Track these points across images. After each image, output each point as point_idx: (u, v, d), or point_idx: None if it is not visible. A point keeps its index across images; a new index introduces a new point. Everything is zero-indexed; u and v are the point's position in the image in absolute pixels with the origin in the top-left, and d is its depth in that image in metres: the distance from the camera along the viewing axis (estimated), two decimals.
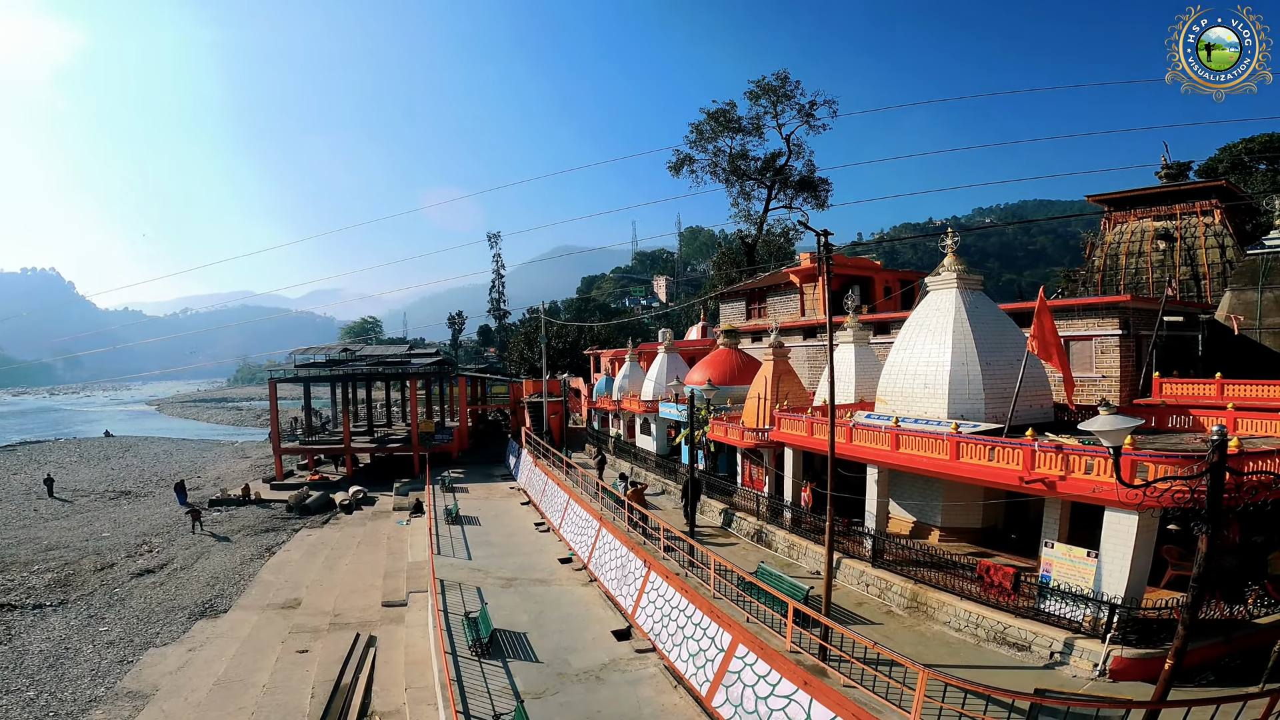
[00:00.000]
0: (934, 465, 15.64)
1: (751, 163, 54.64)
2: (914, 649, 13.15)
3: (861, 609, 15.77)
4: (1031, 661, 12.50)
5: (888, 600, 15.95)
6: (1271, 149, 43.14)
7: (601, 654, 15.31)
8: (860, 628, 14.15)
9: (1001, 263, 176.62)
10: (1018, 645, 12.89)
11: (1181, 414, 17.13)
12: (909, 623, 14.81)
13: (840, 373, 24.34)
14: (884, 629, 14.48)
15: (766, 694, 11.76)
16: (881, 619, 15.13)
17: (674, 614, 15.26)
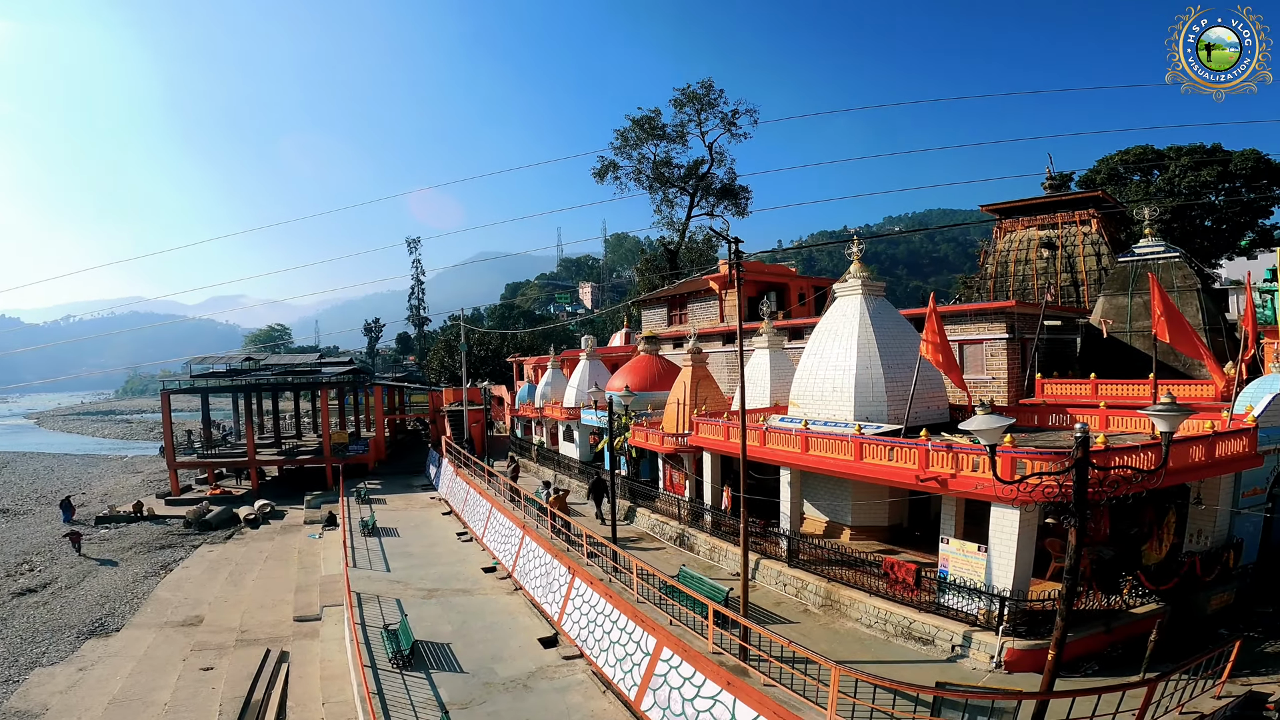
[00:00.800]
0: (840, 466, 16.27)
1: (675, 170, 55.48)
2: (829, 646, 13.53)
3: (780, 608, 16.14)
4: (935, 655, 13.00)
5: (804, 599, 16.40)
6: (1144, 161, 46.37)
7: (528, 662, 15.30)
8: (779, 627, 14.48)
9: (909, 269, 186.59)
10: (923, 639, 13.39)
11: (1060, 412, 18.56)
12: (824, 620, 15.26)
13: (756, 377, 25.04)
14: (801, 627, 14.83)
15: (692, 695, 11.98)
16: (799, 617, 15.54)
17: (600, 619, 15.36)
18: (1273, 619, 13.64)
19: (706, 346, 32.86)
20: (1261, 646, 12.73)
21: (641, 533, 24.01)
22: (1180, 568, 13.54)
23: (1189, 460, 12.66)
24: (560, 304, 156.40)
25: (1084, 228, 35.64)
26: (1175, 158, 44.08)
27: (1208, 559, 13.79)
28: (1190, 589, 13.60)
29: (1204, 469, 12.96)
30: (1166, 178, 43.21)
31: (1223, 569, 13.99)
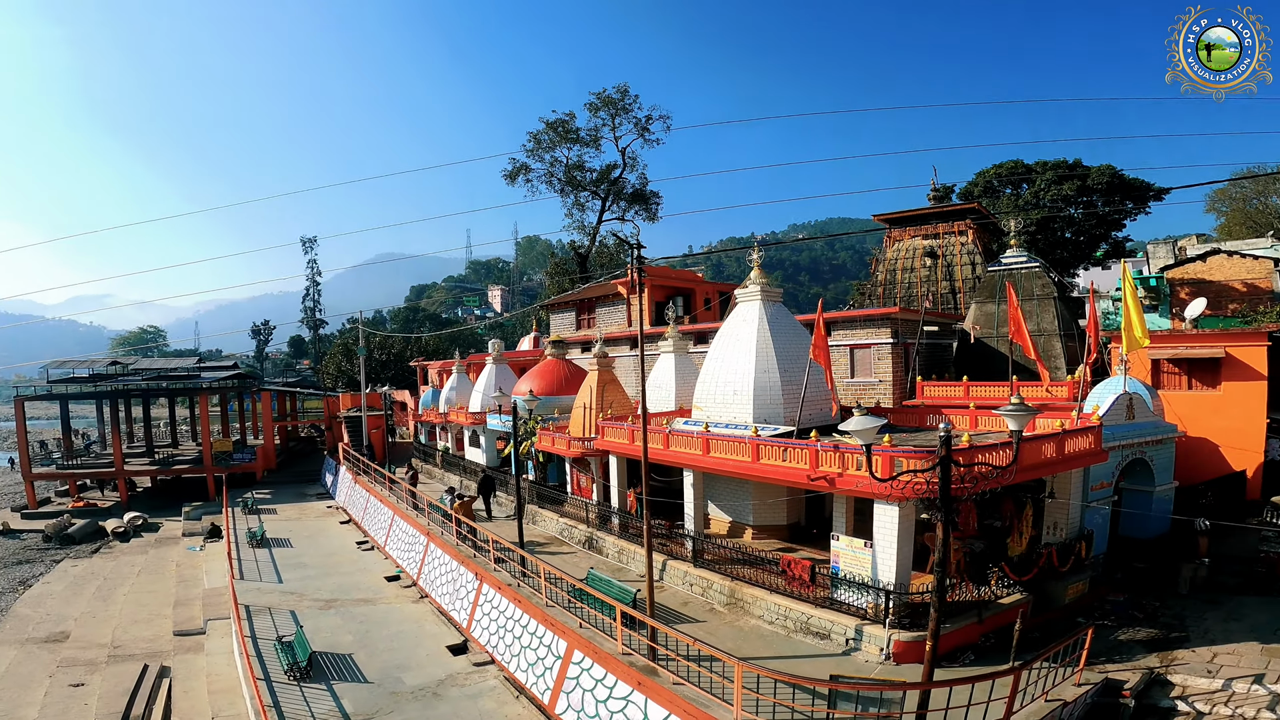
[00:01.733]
0: (739, 468, 16.75)
1: (587, 174, 55.44)
2: (734, 643, 13.85)
3: (687, 608, 16.34)
4: (832, 649, 13.50)
5: (710, 598, 16.71)
6: (1015, 174, 49.03)
7: (438, 670, 15.08)
8: (686, 626, 14.74)
9: (811, 276, 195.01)
10: (820, 634, 13.90)
11: (937, 413, 19.94)
12: (729, 618, 15.55)
13: (661, 381, 25.42)
14: (708, 626, 15.08)
15: (605, 697, 12.11)
16: (705, 616, 15.80)
17: (510, 625, 15.37)
18: (1123, 607, 14.85)
19: (614, 351, 33.10)
20: (1114, 634, 13.79)
21: (550, 536, 23.90)
22: (1039, 559, 14.40)
23: (1042, 456, 13.82)
24: (468, 307, 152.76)
25: (962, 238, 38.21)
26: (1042, 172, 46.47)
27: (1063, 550, 14.82)
28: (1048, 579, 14.51)
29: (1056, 464, 14.16)
30: (1033, 191, 45.82)
31: (1076, 559, 15.01)
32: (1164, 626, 13.95)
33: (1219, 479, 18.05)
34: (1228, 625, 13.77)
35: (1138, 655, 12.86)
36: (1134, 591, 15.46)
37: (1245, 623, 13.80)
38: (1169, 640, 13.37)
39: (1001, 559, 14.40)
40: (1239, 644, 12.92)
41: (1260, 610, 14.23)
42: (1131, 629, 13.90)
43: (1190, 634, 13.57)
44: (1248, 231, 65.30)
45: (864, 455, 13.18)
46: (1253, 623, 13.74)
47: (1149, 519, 16.82)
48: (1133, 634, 13.70)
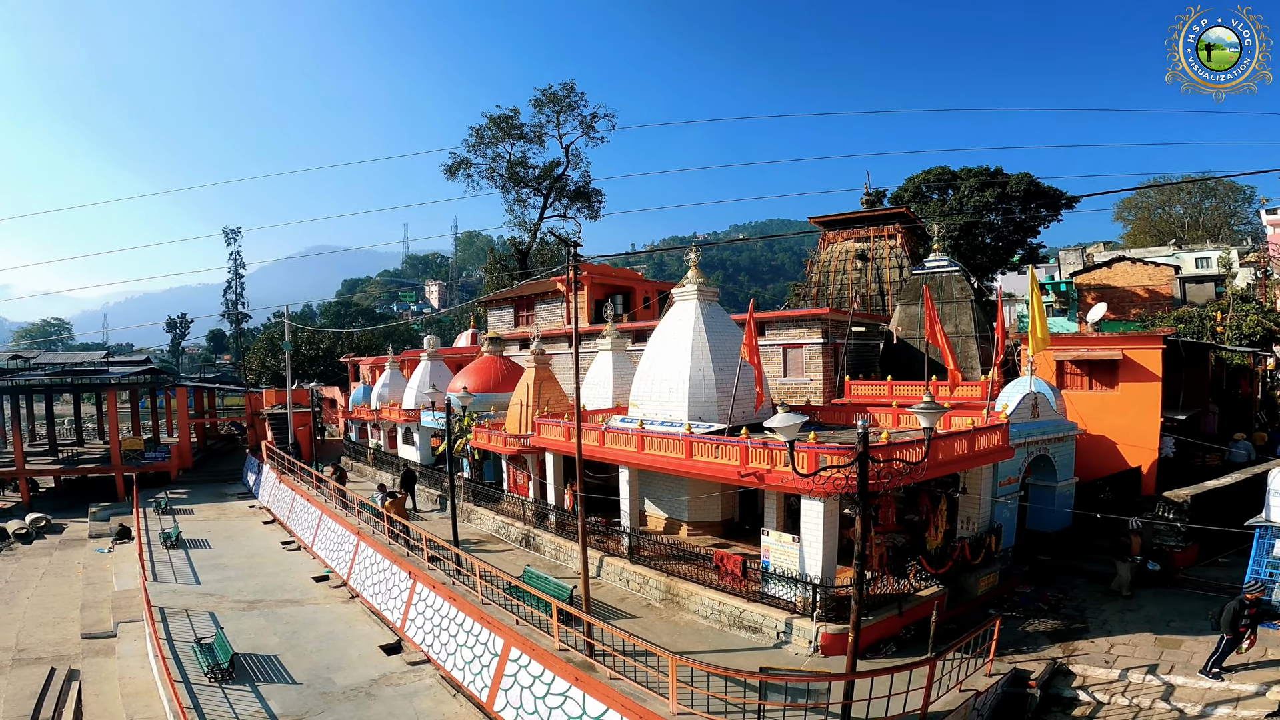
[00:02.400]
0: (673, 464, 16.95)
1: (530, 170, 54.93)
2: (670, 638, 14.00)
3: (624, 604, 16.40)
4: (764, 642, 13.74)
5: (646, 594, 16.84)
6: (942, 180, 50.20)
7: (370, 670, 14.90)
8: (623, 622, 14.87)
9: (751, 276, 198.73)
10: (752, 628, 14.15)
11: (864, 411, 20.64)
12: (665, 614, 15.65)
13: (598, 379, 25.50)
14: (643, 621, 15.20)
15: (543, 693, 12.19)
16: (641, 612, 15.84)
17: (445, 623, 15.24)
18: (1030, 599, 15.53)
19: (552, 348, 32.94)
20: (1022, 625, 14.39)
21: (486, 534, 23.66)
22: (953, 552, 14.97)
23: (955, 453, 14.51)
24: (404, 302, 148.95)
25: (891, 241, 39.61)
26: (966, 179, 47.90)
27: (975, 544, 15.44)
28: (962, 572, 15.12)
29: (967, 461, 14.89)
30: (958, 197, 47.45)
31: (987, 553, 15.67)
32: (1066, 618, 14.62)
33: (1117, 475, 19.32)
34: (1124, 616, 14.55)
35: (1043, 646, 13.45)
36: (1039, 583, 16.28)
37: (1140, 614, 14.56)
38: (1070, 631, 14.02)
39: (920, 553, 15.00)
40: (1134, 635, 13.61)
41: (1154, 602, 15.07)
42: (1037, 620, 14.53)
43: (1090, 625, 14.24)
44: (1151, 240, 70.50)
45: (798, 450, 13.75)
46: (1147, 614, 14.52)
47: (1053, 513, 17.92)
48: (1038, 625, 14.34)
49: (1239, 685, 11.40)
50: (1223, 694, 11.27)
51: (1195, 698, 11.31)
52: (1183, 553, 15.94)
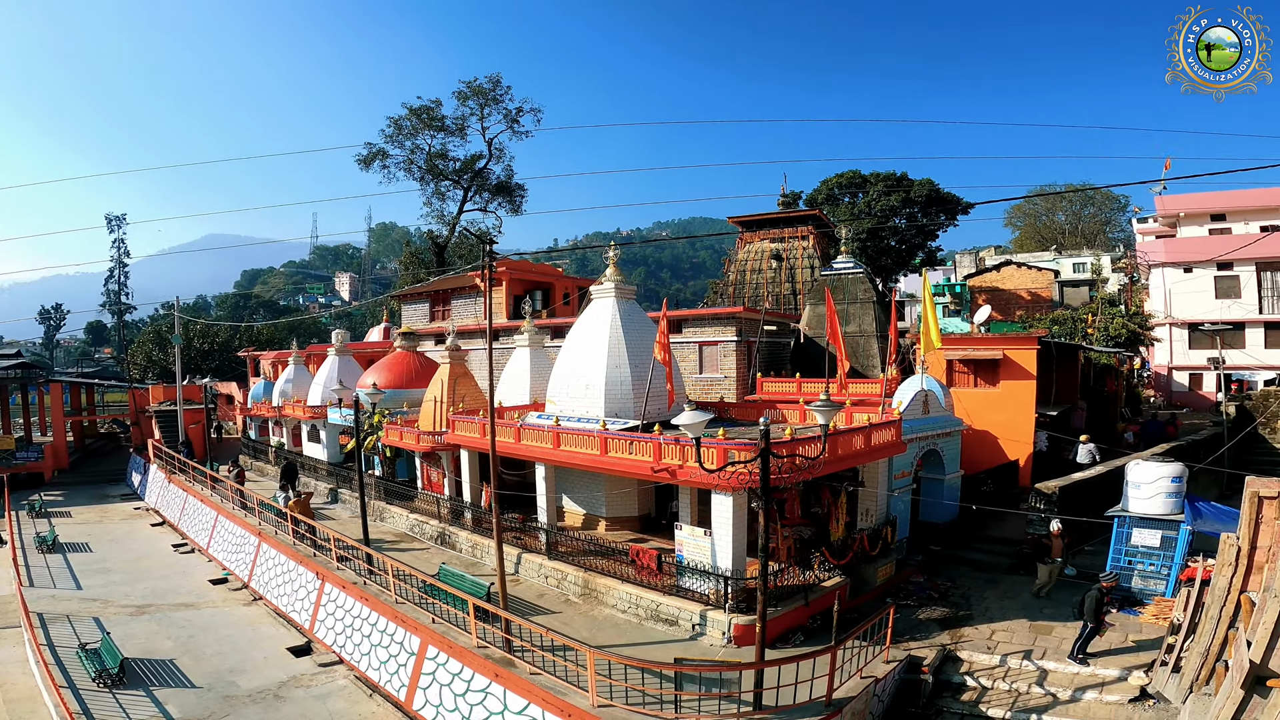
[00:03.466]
0: (588, 461, 17.03)
1: (450, 163, 53.66)
2: (589, 632, 14.17)
3: (543, 600, 16.42)
4: (680, 634, 14.00)
5: (565, 589, 16.88)
6: (852, 184, 51.78)
7: (278, 672, 14.60)
8: (542, 617, 14.98)
9: (673, 273, 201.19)
10: (669, 620, 14.39)
11: (774, 407, 21.47)
12: (584, 609, 15.79)
13: (516, 375, 25.29)
14: (563, 616, 15.31)
15: (463, 690, 12.17)
16: (561, 608, 15.91)
17: (357, 623, 14.97)
18: (923, 588, 16.23)
19: (469, 343, 32.37)
20: (916, 613, 14.98)
21: (400, 533, 23.19)
22: (854, 544, 15.64)
23: (853, 448, 15.28)
24: (312, 294, 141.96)
25: (803, 242, 41.07)
26: (874, 183, 49.69)
27: (873, 535, 16.17)
28: (862, 563, 15.79)
29: (864, 455, 15.70)
30: (866, 201, 49.30)
31: (884, 544, 16.37)
32: (954, 605, 15.38)
33: (998, 467, 20.88)
34: (1004, 603, 15.34)
35: (934, 633, 14.11)
36: (931, 572, 17.27)
37: (1018, 600, 15.43)
38: (958, 618, 14.72)
39: (824, 545, 15.64)
40: (1012, 621, 14.39)
41: (1028, 588, 15.94)
42: (929, 608, 15.25)
43: (974, 612, 14.97)
44: (1036, 245, 76.27)
45: (708, 446, 14.09)
46: (1023, 601, 15.40)
47: (942, 505, 19.20)
48: (930, 613, 15.04)
49: (1103, 670, 12.17)
50: (1089, 679, 12.03)
51: (1065, 682, 12.08)
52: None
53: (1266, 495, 8.83)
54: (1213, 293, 33.06)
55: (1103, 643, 12.92)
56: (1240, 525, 9.71)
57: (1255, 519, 9.14)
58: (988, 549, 18.24)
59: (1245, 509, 9.37)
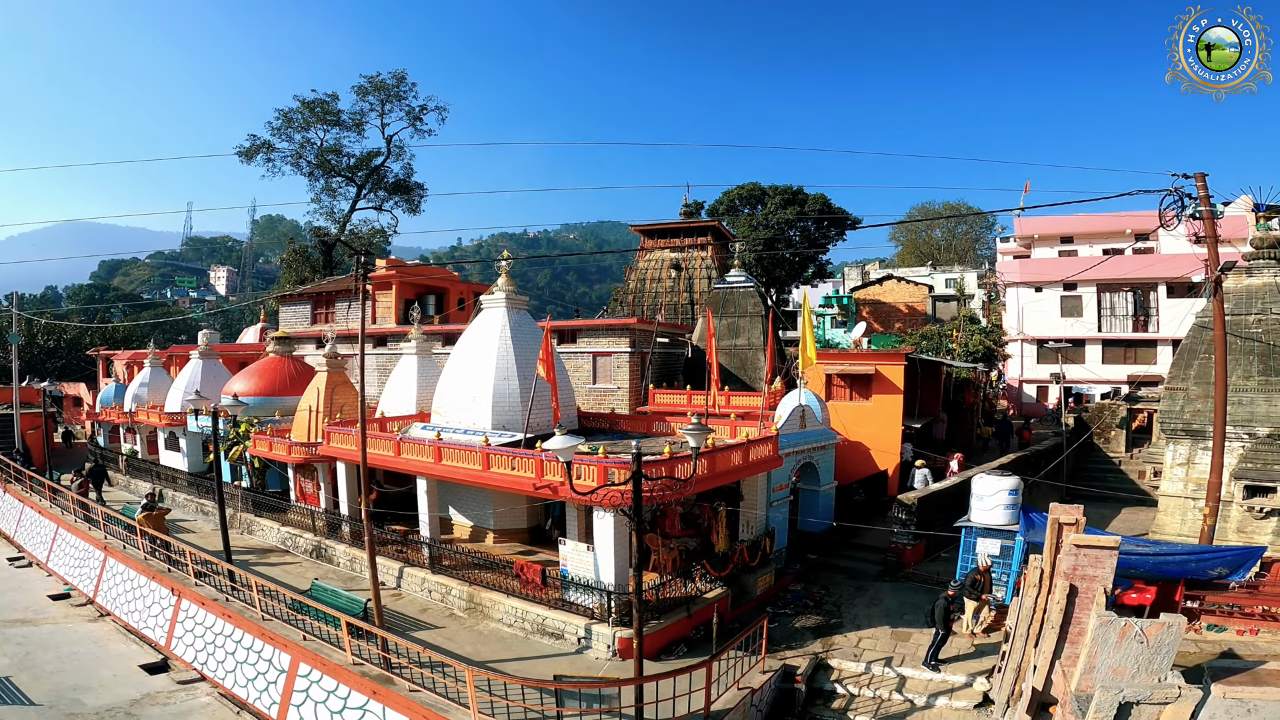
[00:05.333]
0: (471, 476, 16.68)
1: (344, 158, 51.34)
2: (474, 647, 13.97)
3: (426, 614, 16.02)
4: (566, 648, 13.91)
5: (449, 604, 16.48)
6: (753, 196, 52.64)
7: (130, 689, 13.80)
8: (425, 633, 14.68)
9: (579, 276, 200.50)
10: (555, 634, 14.35)
11: (663, 419, 21.76)
12: (469, 623, 15.50)
13: (402, 384, 24.36)
14: (447, 631, 15.00)
15: (339, 708, 11.85)
16: (445, 622, 15.56)
17: (220, 640, 14.56)
18: (800, 596, 16.59)
19: (354, 349, 30.90)
20: (793, 621, 15.27)
21: (271, 546, 22.07)
22: (734, 555, 15.88)
23: (731, 464, 15.66)
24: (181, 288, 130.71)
25: (702, 253, 42.02)
26: (773, 196, 50.65)
27: (753, 546, 16.48)
28: (743, 573, 16.13)
29: (743, 470, 16.08)
30: (765, 213, 50.20)
31: (763, 554, 16.75)
32: (827, 613, 15.78)
33: (869, 477, 22.11)
34: (870, 610, 15.82)
35: (808, 641, 14.41)
36: (808, 580, 17.87)
37: (881, 607, 15.94)
38: (830, 626, 15.08)
39: (707, 557, 15.92)
40: (876, 628, 14.82)
41: (892, 595, 16.62)
42: (805, 616, 15.59)
43: (844, 620, 15.39)
44: (915, 260, 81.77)
45: (587, 465, 14.15)
46: (887, 607, 15.93)
47: (818, 514, 20.04)
48: (806, 621, 15.35)
49: (953, 677, 12.73)
50: (941, 685, 12.63)
51: (921, 689, 12.61)
52: (912, 549, 18.34)
53: (1065, 522, 9.57)
54: (1059, 311, 36.55)
55: (953, 648, 13.63)
56: (1045, 548, 10.25)
57: (1056, 544, 9.80)
58: (859, 556, 19.19)
59: (1049, 534, 10.03)
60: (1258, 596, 13.23)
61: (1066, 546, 9.25)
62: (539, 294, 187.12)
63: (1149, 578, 13.78)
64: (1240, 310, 17.04)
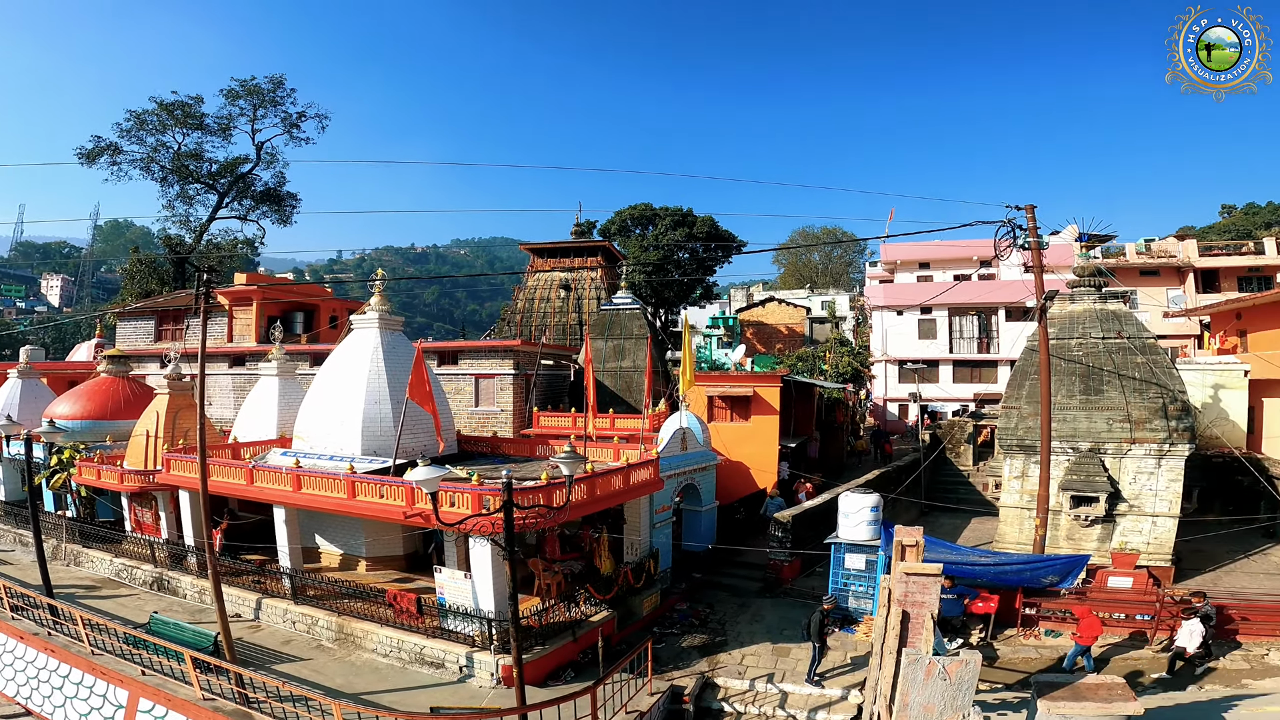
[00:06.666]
0: (335, 505, 15.74)
1: (206, 164, 47.43)
2: (345, 679, 13.38)
3: (290, 646, 15.27)
4: (447, 677, 13.51)
5: (316, 635, 15.65)
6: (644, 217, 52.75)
7: None
8: (289, 665, 14.12)
9: (469, 293, 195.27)
10: (435, 663, 13.91)
11: (546, 443, 21.26)
12: (340, 654, 14.80)
13: (261, 407, 22.65)
14: (315, 663, 14.31)
15: None
16: (312, 654, 14.82)
17: (45, 675, 13.89)
18: (686, 615, 16.71)
19: (209, 368, 28.18)
20: (679, 641, 15.34)
21: (104, 579, 20.20)
22: (619, 578, 15.85)
23: (611, 488, 15.57)
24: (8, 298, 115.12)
25: (592, 273, 42.04)
26: (664, 217, 51.34)
27: (637, 568, 16.48)
28: (629, 595, 16.06)
29: (624, 494, 16.01)
30: (655, 234, 50.83)
31: (648, 576, 16.75)
32: (712, 631, 15.92)
33: (749, 496, 22.73)
34: (752, 627, 16.10)
35: (695, 660, 14.49)
36: (694, 599, 18.00)
37: (763, 624, 16.22)
38: (716, 644, 15.20)
39: (591, 580, 15.64)
40: (759, 644, 15.07)
41: (773, 611, 16.97)
42: (691, 635, 15.64)
43: (729, 638, 15.59)
44: (796, 283, 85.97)
45: (459, 492, 13.64)
46: (768, 623, 16.23)
47: (701, 533, 20.36)
48: (692, 640, 15.39)
49: (831, 691, 13.06)
50: (820, 700, 12.92)
51: (802, 704, 12.88)
52: (790, 566, 18.88)
53: (906, 544, 10.13)
54: (916, 334, 39.56)
55: (829, 661, 14.06)
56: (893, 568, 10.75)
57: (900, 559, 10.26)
58: (742, 574, 19.55)
59: (895, 554, 10.55)
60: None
61: (897, 574, 9.66)
62: (425, 311, 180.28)
63: (993, 586, 15.03)
64: (1064, 335, 19.09)
